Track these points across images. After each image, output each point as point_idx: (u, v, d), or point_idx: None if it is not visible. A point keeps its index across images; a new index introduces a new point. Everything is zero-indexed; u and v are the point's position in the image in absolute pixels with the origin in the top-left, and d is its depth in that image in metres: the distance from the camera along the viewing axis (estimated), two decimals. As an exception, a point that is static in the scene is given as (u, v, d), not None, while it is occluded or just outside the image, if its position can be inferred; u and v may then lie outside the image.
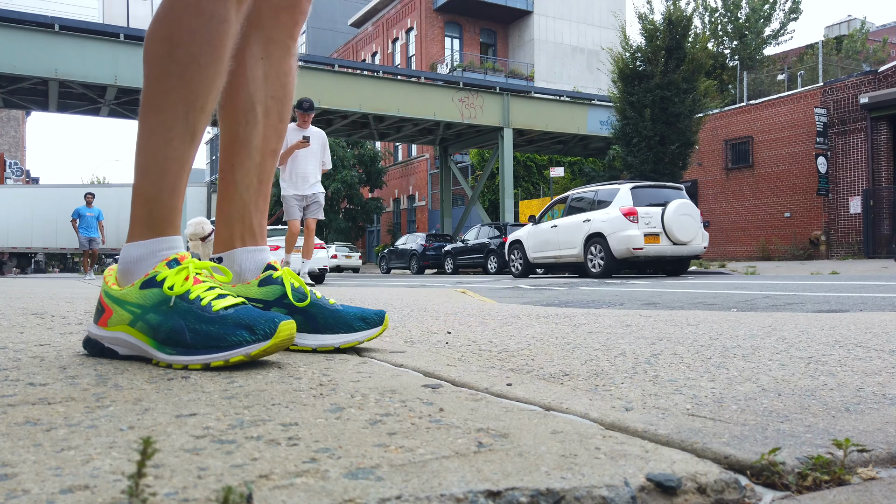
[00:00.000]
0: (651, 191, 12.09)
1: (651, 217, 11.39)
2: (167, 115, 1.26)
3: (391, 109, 23.13)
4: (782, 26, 34.10)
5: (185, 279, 1.22)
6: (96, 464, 0.63)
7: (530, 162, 33.75)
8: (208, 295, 1.21)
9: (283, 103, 1.54)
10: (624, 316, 2.54)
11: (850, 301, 4.75)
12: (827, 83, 22.03)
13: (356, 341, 1.44)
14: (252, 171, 1.51)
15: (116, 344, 1.26)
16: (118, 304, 1.26)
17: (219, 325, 1.17)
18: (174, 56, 1.25)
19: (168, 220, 1.29)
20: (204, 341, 1.16)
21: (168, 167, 1.28)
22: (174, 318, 1.19)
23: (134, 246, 1.28)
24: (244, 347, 1.15)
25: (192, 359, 1.16)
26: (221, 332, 1.16)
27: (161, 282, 1.22)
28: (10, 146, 48.75)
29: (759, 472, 0.70)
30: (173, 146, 1.27)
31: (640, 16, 19.70)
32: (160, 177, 1.28)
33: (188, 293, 1.21)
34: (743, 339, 1.72)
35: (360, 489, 0.58)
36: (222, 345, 1.15)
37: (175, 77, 1.25)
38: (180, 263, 1.24)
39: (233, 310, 1.19)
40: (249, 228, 1.51)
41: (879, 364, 1.34)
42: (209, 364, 1.15)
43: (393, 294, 4.88)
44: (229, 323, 1.17)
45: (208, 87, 1.27)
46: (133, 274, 1.27)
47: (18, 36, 18.18)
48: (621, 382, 1.14)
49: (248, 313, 1.19)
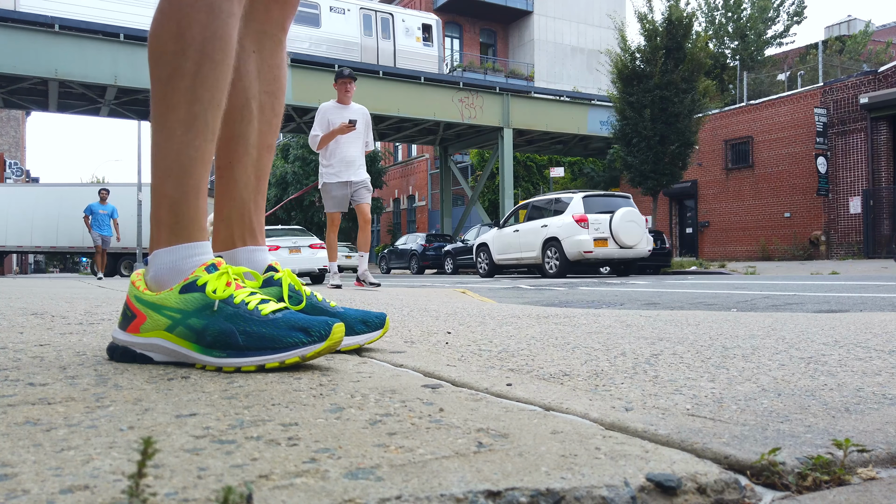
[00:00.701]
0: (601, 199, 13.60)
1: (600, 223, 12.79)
2: (185, 113, 1.23)
3: (391, 109, 23.13)
4: (786, 28, 34.12)
5: (227, 284, 1.21)
6: (96, 464, 0.63)
7: (530, 162, 33.75)
8: (252, 299, 1.21)
9: (276, 97, 1.52)
10: (624, 316, 2.54)
11: (850, 301, 4.75)
12: (827, 83, 22.04)
13: (357, 344, 1.43)
14: (250, 169, 1.50)
15: (152, 350, 1.24)
16: (154, 309, 1.23)
17: (272, 327, 1.16)
18: (187, 53, 1.22)
19: (196, 223, 1.27)
20: (258, 343, 1.15)
21: (192, 168, 1.26)
22: (221, 322, 1.18)
23: (165, 252, 1.26)
24: (300, 349, 1.15)
25: (245, 360, 1.15)
26: (276, 334, 1.16)
27: (202, 286, 1.20)
28: (10, 146, 48.76)
29: (759, 473, 0.70)
30: (195, 146, 1.25)
31: (640, 16, 19.70)
32: (184, 178, 1.25)
33: (232, 297, 1.20)
34: (743, 340, 1.72)
35: (360, 489, 0.58)
36: (278, 346, 1.15)
37: (189, 75, 1.23)
38: (218, 269, 1.23)
39: (280, 313, 1.20)
40: (249, 227, 1.51)
41: (879, 364, 1.34)
42: (264, 365, 1.15)
43: (393, 294, 4.88)
44: (282, 325, 1.17)
45: (223, 82, 1.26)
46: (167, 280, 1.25)
47: (18, 36, 18.18)
48: (621, 382, 1.14)
49: (298, 316, 1.19)
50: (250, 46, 1.47)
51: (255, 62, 1.48)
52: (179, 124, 1.24)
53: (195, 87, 1.23)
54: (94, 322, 2.12)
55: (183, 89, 1.23)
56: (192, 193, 1.26)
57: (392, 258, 26.04)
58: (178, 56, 1.23)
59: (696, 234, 26.04)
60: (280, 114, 1.55)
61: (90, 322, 2.12)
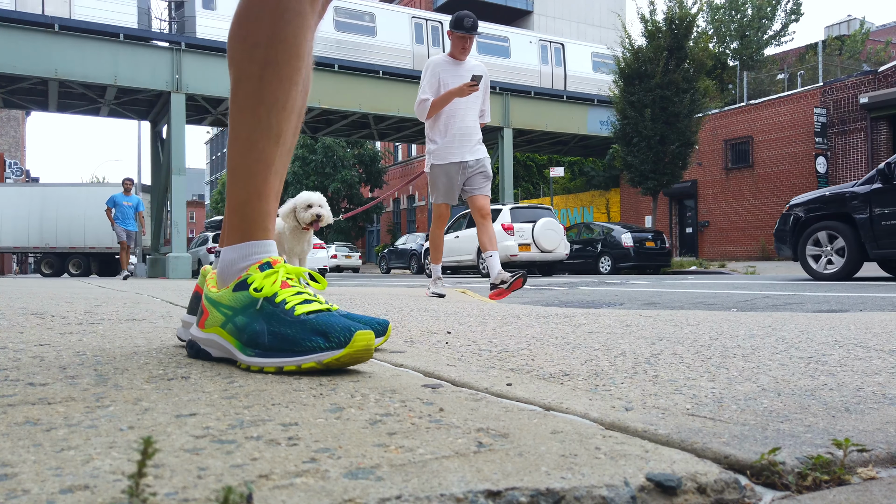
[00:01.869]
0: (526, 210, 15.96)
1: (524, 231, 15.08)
2: (250, 117, 1.25)
3: (391, 109, 23.12)
4: (784, 27, 34.13)
5: (275, 283, 1.20)
6: (96, 464, 0.63)
7: (530, 162, 33.76)
8: (294, 299, 1.19)
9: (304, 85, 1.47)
10: (624, 316, 2.54)
11: (850, 301, 4.75)
12: (827, 83, 22.04)
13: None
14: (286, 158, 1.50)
15: (210, 346, 1.26)
16: (214, 306, 1.26)
17: (296, 328, 1.14)
18: (253, 57, 1.24)
19: (258, 223, 1.28)
20: (279, 344, 1.14)
21: (255, 170, 1.26)
22: (258, 321, 1.17)
23: (229, 250, 1.28)
24: (317, 354, 1.12)
25: (267, 361, 1.14)
26: (297, 337, 1.13)
27: (250, 284, 1.21)
28: (9, 146, 48.75)
29: (759, 472, 0.70)
30: (258, 148, 1.26)
31: (642, 16, 19.72)
32: (248, 180, 1.27)
33: (275, 296, 1.19)
34: (743, 339, 1.72)
35: (360, 489, 0.58)
36: (297, 349, 1.13)
37: (255, 79, 1.24)
38: (272, 267, 1.23)
39: (315, 315, 1.16)
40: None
41: (879, 364, 1.34)
42: (282, 368, 1.13)
43: (393, 294, 4.88)
44: (306, 328, 1.14)
45: (288, 85, 1.26)
46: (227, 277, 1.27)
47: (18, 36, 18.18)
48: (621, 382, 1.13)
49: (328, 319, 1.15)
50: None
51: None
52: (245, 126, 1.26)
53: (260, 90, 1.24)
54: (93, 322, 2.12)
55: (248, 92, 1.25)
56: (255, 196, 1.27)
57: (392, 258, 26.06)
58: (245, 60, 1.25)
59: (695, 234, 26.04)
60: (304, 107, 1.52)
61: (90, 322, 2.12)
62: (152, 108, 22.15)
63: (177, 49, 19.69)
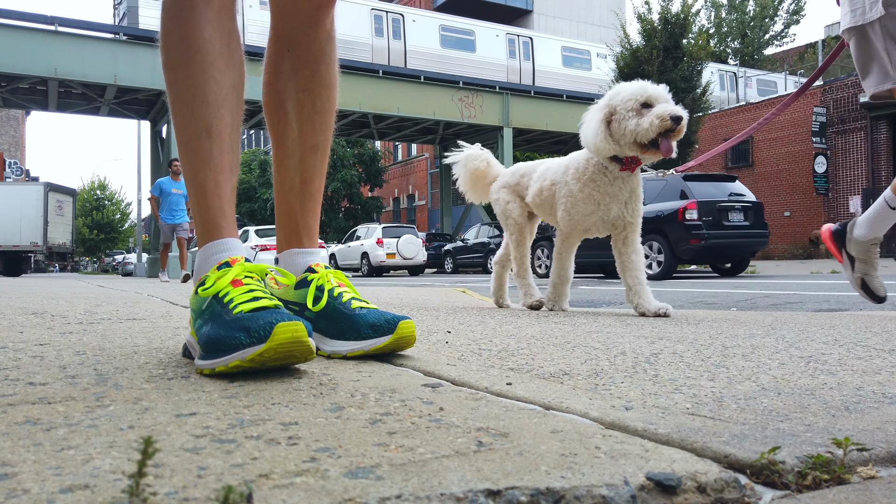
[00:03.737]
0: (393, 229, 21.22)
1: (391, 244, 20.40)
2: (178, 118, 1.27)
3: (391, 109, 23.12)
4: (786, 26, 34.15)
5: (222, 281, 1.17)
6: (96, 463, 0.63)
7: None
8: (241, 297, 1.14)
9: (317, 93, 1.46)
10: (624, 315, 2.54)
11: (850, 300, 4.75)
12: (827, 82, 22.03)
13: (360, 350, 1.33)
14: (293, 171, 1.48)
15: (192, 348, 1.23)
16: (190, 310, 1.26)
17: (226, 327, 1.09)
18: (167, 62, 1.28)
19: (213, 221, 1.26)
20: (214, 345, 1.10)
21: (195, 168, 1.27)
22: (207, 322, 1.15)
23: (199, 253, 1.28)
24: (239, 351, 1.06)
25: (205, 363, 1.11)
26: (224, 335, 1.08)
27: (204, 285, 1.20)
28: (9, 146, 48.74)
29: (759, 472, 0.70)
30: (192, 147, 1.26)
31: (639, 16, 19.72)
32: (192, 179, 1.27)
33: (225, 296, 1.15)
34: (742, 339, 1.72)
35: (361, 488, 0.58)
36: (224, 348, 1.08)
37: (169, 81, 1.29)
38: (230, 266, 1.20)
39: (252, 312, 1.10)
40: (295, 231, 1.49)
41: (879, 363, 1.34)
42: (215, 370, 1.09)
43: (393, 293, 4.88)
44: (234, 325, 1.08)
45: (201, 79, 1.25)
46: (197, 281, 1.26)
47: (18, 35, 18.18)
48: (621, 381, 1.14)
49: (258, 315, 1.09)
50: (282, 45, 1.44)
51: (290, 60, 1.44)
52: (178, 129, 1.28)
53: (178, 90, 1.26)
54: (93, 321, 2.12)
55: (174, 96, 1.28)
56: (201, 193, 1.27)
57: (392, 257, 26.11)
58: (164, 65, 1.29)
59: (695, 234, 26.03)
60: (325, 110, 1.48)
61: (90, 321, 2.12)
62: (152, 107, 22.15)
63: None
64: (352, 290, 1.44)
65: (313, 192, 1.50)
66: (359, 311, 1.36)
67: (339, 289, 1.42)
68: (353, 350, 1.33)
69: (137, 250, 26.32)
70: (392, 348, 1.34)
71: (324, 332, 1.37)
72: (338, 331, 1.35)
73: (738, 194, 10.95)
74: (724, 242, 10.32)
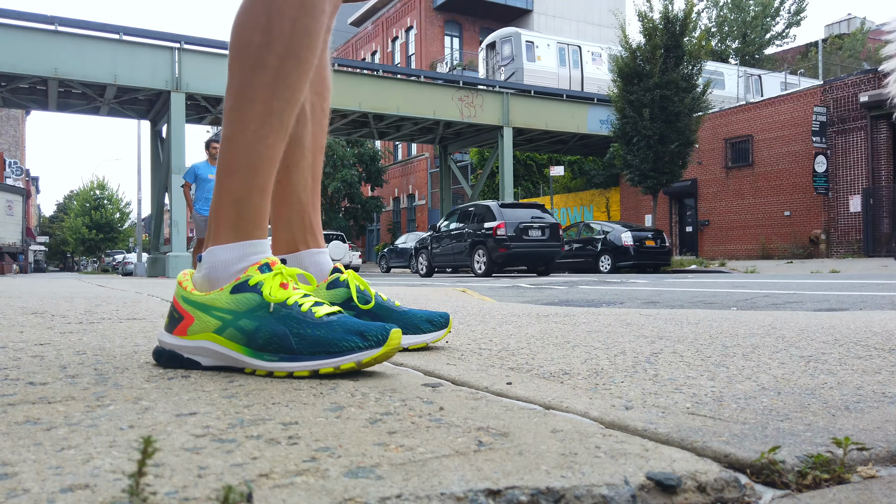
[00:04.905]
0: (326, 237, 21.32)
1: None
2: (262, 108, 1.20)
3: (391, 108, 23.11)
4: (788, 26, 34.17)
5: (281, 285, 1.17)
6: (96, 463, 0.63)
7: (530, 161, 33.73)
8: (306, 301, 1.16)
9: (325, 97, 1.53)
10: (624, 315, 2.54)
11: (850, 300, 4.75)
12: (827, 82, 22.03)
13: (423, 343, 1.47)
14: (307, 171, 1.50)
15: (199, 354, 1.18)
16: (202, 309, 1.18)
17: (327, 330, 1.11)
18: (273, 48, 1.18)
19: (257, 222, 1.24)
20: (312, 347, 1.10)
21: (260, 165, 1.22)
22: (274, 324, 1.12)
23: (221, 249, 1.21)
24: (355, 354, 1.10)
25: (299, 365, 1.10)
26: (332, 338, 1.11)
27: (254, 286, 1.15)
28: (9, 145, 48.73)
29: (759, 471, 0.70)
30: (268, 143, 1.21)
31: (640, 14, 19.72)
32: (251, 176, 1.21)
33: (287, 299, 1.15)
34: (743, 338, 1.72)
35: (361, 488, 0.58)
36: (333, 350, 1.10)
37: (272, 70, 1.19)
38: (272, 269, 1.18)
39: (335, 317, 1.15)
40: (311, 230, 1.50)
41: (879, 363, 1.34)
42: (318, 371, 1.10)
43: (393, 293, 4.88)
44: (338, 329, 1.12)
45: (304, 81, 1.23)
46: (220, 279, 1.20)
47: (18, 35, 18.17)
48: (621, 381, 1.14)
49: (353, 320, 1.15)
50: None
51: None
52: (254, 119, 1.20)
53: (276, 82, 1.20)
54: (93, 321, 2.12)
55: (264, 84, 1.19)
56: (258, 192, 1.23)
57: (392, 257, 26.11)
58: (263, 49, 1.19)
59: (696, 233, 26.03)
60: (328, 114, 1.56)
61: (90, 321, 2.12)
62: (152, 107, 22.14)
63: (177, 48, 19.69)
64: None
65: (318, 192, 1.55)
66: (408, 309, 1.48)
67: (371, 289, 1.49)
68: (414, 343, 1.47)
69: (137, 250, 26.32)
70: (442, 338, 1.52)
71: None
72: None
73: (539, 217, 15.57)
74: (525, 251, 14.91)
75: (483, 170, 29.33)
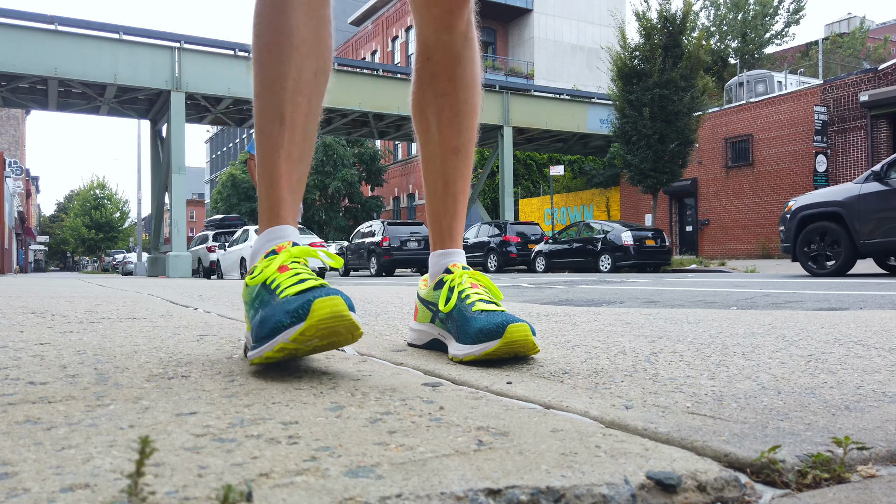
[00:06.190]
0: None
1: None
2: (258, 101, 1.27)
3: (391, 108, 23.13)
4: (787, 25, 34.18)
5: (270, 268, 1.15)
6: (97, 462, 0.63)
7: (530, 160, 33.75)
8: (287, 281, 1.10)
9: (454, 96, 1.47)
10: (624, 314, 2.54)
11: (850, 299, 4.75)
12: (827, 81, 22.03)
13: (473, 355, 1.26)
14: (435, 175, 1.50)
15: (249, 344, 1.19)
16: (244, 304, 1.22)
17: (274, 310, 1.06)
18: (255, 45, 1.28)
19: (272, 210, 1.25)
20: (260, 332, 1.08)
21: (265, 155, 1.26)
22: (257, 310, 1.13)
23: (256, 240, 1.26)
24: (282, 334, 1.03)
25: (252, 353, 1.10)
26: (268, 320, 1.06)
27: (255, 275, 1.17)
28: (9, 145, 48.72)
29: (759, 470, 0.70)
30: (265, 132, 1.26)
31: (638, 14, 19.71)
32: (262, 166, 1.26)
33: (272, 282, 1.12)
34: (743, 338, 1.72)
35: (361, 487, 0.58)
36: (269, 334, 1.05)
37: (254, 65, 1.27)
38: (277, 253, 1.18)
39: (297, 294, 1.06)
40: (438, 232, 1.52)
41: (879, 362, 1.34)
42: (262, 355, 1.07)
43: (393, 293, 4.88)
44: (278, 308, 1.05)
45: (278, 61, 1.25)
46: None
47: (18, 34, 18.17)
48: (621, 381, 1.14)
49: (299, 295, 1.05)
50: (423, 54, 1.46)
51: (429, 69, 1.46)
52: (256, 114, 1.28)
53: (258, 71, 1.26)
54: (94, 321, 2.12)
55: (254, 75, 1.27)
56: (266, 182, 1.26)
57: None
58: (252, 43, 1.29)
59: (696, 233, 26.04)
60: (463, 112, 1.48)
61: (90, 321, 2.12)
62: (152, 106, 22.15)
63: (177, 48, 19.69)
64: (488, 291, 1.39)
65: (455, 194, 1.52)
66: (476, 315, 1.30)
67: (470, 290, 1.37)
68: (467, 354, 1.27)
69: (137, 249, 26.32)
70: (503, 353, 1.25)
71: (451, 333, 1.36)
72: (458, 333, 1.32)
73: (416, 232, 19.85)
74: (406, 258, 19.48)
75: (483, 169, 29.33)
